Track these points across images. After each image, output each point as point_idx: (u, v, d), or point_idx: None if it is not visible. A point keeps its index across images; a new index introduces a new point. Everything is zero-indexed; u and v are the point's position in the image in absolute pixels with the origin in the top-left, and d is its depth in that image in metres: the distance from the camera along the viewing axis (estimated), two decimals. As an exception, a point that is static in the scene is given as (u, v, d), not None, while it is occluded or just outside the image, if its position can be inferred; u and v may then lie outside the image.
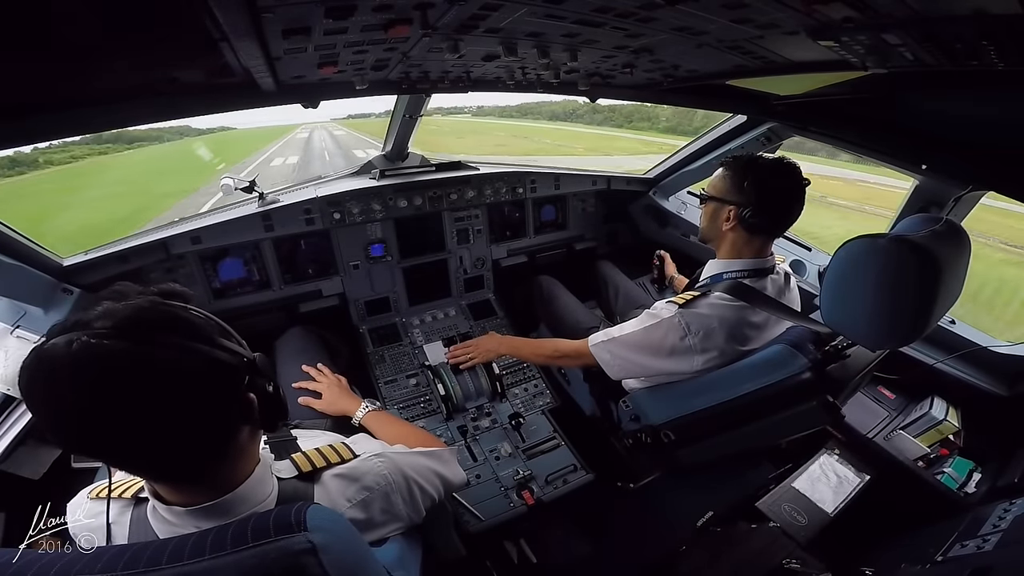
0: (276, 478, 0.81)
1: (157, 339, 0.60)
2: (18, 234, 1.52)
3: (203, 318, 0.69)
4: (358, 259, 2.40)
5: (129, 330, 0.59)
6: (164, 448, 0.63)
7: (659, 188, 2.95)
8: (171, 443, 0.63)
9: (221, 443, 0.70)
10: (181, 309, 0.67)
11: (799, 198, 1.44)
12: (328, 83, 1.39)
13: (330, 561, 0.56)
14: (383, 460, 0.93)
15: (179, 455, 0.66)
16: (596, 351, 1.61)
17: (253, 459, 0.78)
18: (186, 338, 0.63)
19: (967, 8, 0.78)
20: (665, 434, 1.61)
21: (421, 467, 1.01)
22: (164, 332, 0.62)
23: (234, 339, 0.73)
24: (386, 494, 0.90)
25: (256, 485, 0.76)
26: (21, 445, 1.46)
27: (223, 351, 0.67)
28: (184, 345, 0.62)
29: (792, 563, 1.48)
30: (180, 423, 0.62)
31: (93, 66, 0.94)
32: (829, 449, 1.92)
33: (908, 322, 1.07)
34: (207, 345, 0.65)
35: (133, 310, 0.61)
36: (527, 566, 1.72)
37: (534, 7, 0.91)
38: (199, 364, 0.63)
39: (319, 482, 0.84)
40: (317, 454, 0.87)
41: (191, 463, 0.68)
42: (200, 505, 0.70)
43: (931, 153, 1.63)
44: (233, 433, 0.71)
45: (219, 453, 0.70)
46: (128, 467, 0.67)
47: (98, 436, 0.59)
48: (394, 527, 0.94)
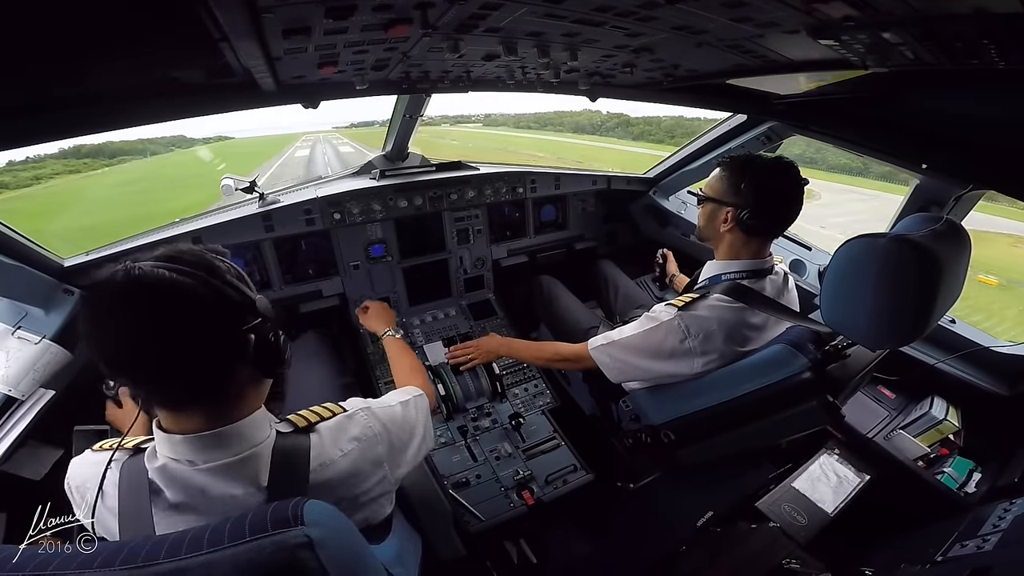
0: (276, 431, 0.87)
1: (185, 271, 0.73)
2: (18, 234, 1.52)
3: (226, 264, 0.82)
4: (358, 259, 2.40)
5: (166, 262, 0.74)
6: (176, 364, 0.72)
7: (659, 188, 2.95)
8: (182, 360, 0.73)
9: (222, 372, 0.78)
10: (212, 256, 0.81)
11: (797, 198, 1.43)
12: (328, 83, 1.39)
13: (327, 556, 0.57)
14: (367, 414, 1.00)
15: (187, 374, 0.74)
16: (596, 354, 1.61)
17: (253, 404, 0.84)
18: (207, 274, 0.76)
19: (967, 7, 0.78)
20: (665, 434, 1.61)
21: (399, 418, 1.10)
22: (192, 267, 0.75)
23: (247, 284, 0.84)
24: (373, 444, 0.96)
25: (253, 426, 0.82)
26: (22, 446, 1.46)
27: (232, 289, 0.78)
28: (203, 278, 0.75)
29: (792, 563, 1.48)
30: (191, 342, 0.72)
31: (93, 66, 0.95)
32: (829, 449, 1.92)
33: (908, 322, 1.07)
34: (219, 281, 0.77)
35: (174, 250, 0.78)
36: (527, 566, 1.72)
37: (534, 7, 0.91)
38: (209, 294, 0.74)
39: (314, 432, 0.90)
40: (310, 412, 0.95)
41: (195, 386, 0.76)
42: (202, 432, 0.77)
43: (931, 152, 1.63)
44: (232, 366, 0.78)
45: (220, 383, 0.78)
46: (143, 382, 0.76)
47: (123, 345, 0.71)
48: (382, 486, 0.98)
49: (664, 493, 1.90)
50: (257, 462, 0.80)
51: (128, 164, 38.32)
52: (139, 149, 52.17)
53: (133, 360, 0.72)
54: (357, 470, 0.91)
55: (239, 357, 0.78)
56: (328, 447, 0.89)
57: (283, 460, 0.82)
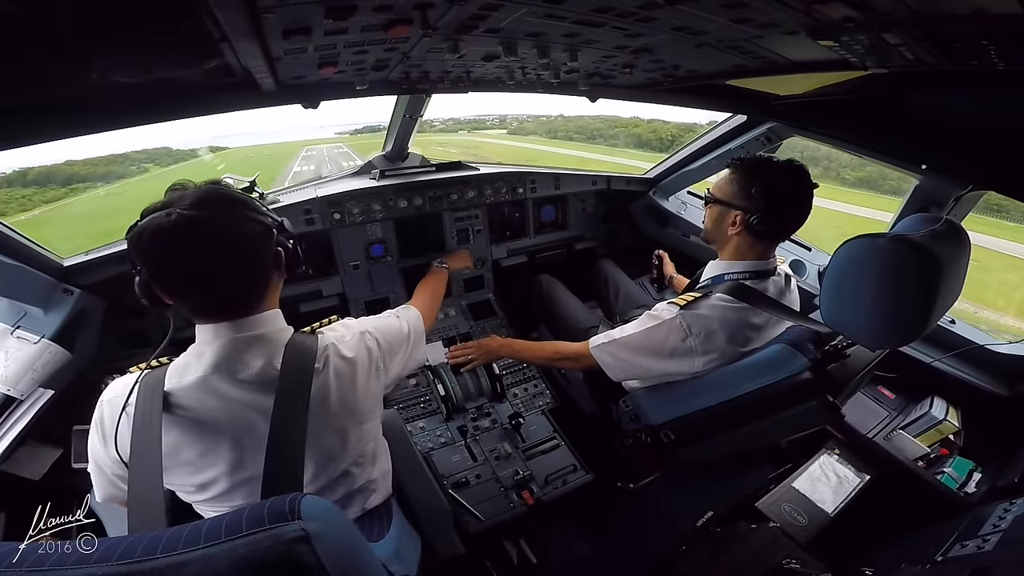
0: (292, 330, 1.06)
1: (221, 210, 0.89)
2: (18, 234, 1.52)
3: (245, 196, 0.96)
4: (358, 259, 2.40)
5: (203, 204, 0.87)
6: (228, 282, 0.93)
7: (659, 188, 2.95)
8: (232, 278, 0.93)
9: (263, 282, 0.98)
10: (231, 190, 0.96)
11: (807, 204, 1.42)
12: (328, 83, 1.39)
13: (324, 550, 0.57)
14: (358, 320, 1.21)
15: (236, 288, 0.95)
16: (597, 353, 1.61)
17: (275, 301, 1.05)
18: (241, 208, 0.92)
19: (967, 8, 0.78)
20: (665, 434, 1.61)
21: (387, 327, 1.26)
22: (225, 205, 0.91)
23: (267, 209, 1.00)
24: (363, 340, 1.13)
25: (275, 316, 1.02)
26: (21, 445, 1.46)
27: (263, 216, 0.96)
28: (240, 214, 0.92)
29: (792, 563, 1.48)
30: (239, 264, 0.93)
31: (93, 66, 0.95)
32: (829, 449, 1.92)
33: (908, 322, 1.07)
34: (255, 212, 0.94)
35: (202, 192, 0.90)
36: (527, 566, 1.72)
37: (534, 7, 0.91)
38: (250, 226, 0.93)
39: (320, 333, 1.08)
40: (316, 324, 1.14)
41: (242, 295, 0.96)
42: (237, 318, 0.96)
43: (931, 153, 1.63)
44: (269, 277, 0.99)
45: (259, 289, 0.98)
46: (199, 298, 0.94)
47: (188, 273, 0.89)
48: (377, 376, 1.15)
49: (664, 493, 1.90)
50: (277, 342, 0.98)
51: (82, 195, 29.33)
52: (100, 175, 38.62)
53: (204, 286, 0.91)
54: (353, 355, 1.07)
55: (276, 267, 0.99)
56: (329, 337, 1.07)
57: (295, 349, 0.98)
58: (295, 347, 0.98)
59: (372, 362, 1.13)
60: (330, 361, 1.02)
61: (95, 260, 1.83)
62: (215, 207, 0.89)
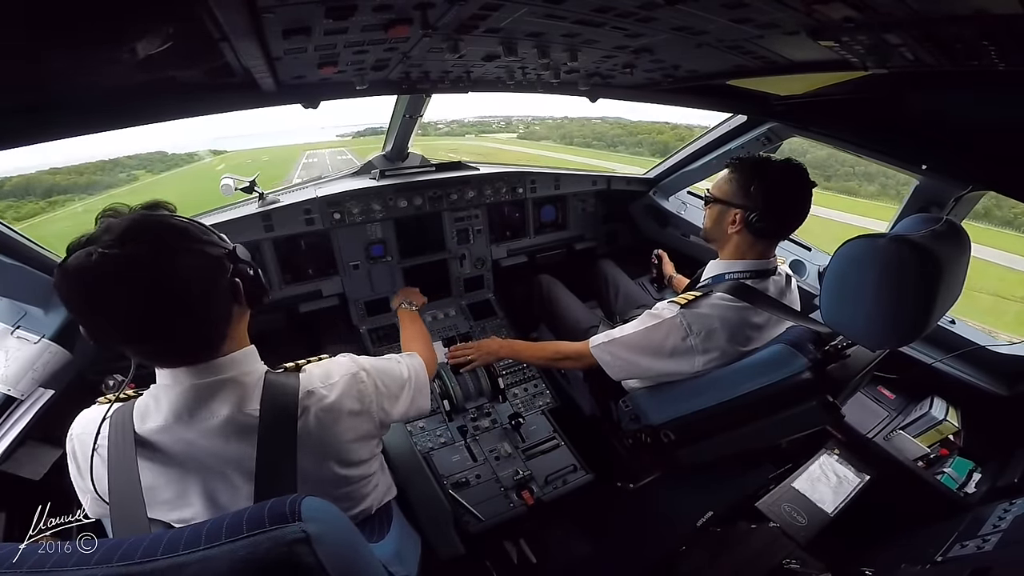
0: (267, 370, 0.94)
1: (153, 244, 0.75)
2: (18, 234, 1.52)
3: (186, 222, 0.83)
4: (358, 259, 2.40)
5: (131, 238, 0.74)
6: (174, 328, 0.79)
7: (659, 188, 2.95)
8: (179, 323, 0.79)
9: (220, 320, 0.86)
10: (167, 217, 0.82)
11: (807, 202, 1.42)
12: (328, 83, 1.39)
13: (324, 551, 0.57)
14: (350, 357, 1.08)
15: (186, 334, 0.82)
16: (597, 352, 1.61)
17: (242, 337, 0.93)
18: (178, 239, 0.79)
19: (968, 8, 0.78)
20: (665, 434, 1.61)
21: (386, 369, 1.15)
22: (159, 237, 0.77)
23: (214, 235, 0.87)
24: (356, 382, 1.01)
25: (246, 357, 0.91)
26: (21, 445, 1.45)
27: (210, 245, 0.83)
28: (177, 245, 0.78)
29: (792, 563, 1.48)
30: (185, 306, 0.79)
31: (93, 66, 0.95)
32: (829, 449, 1.92)
33: (908, 322, 1.07)
34: (195, 242, 0.81)
35: (131, 222, 0.76)
36: (527, 566, 1.72)
37: (534, 7, 0.91)
38: (192, 259, 0.79)
39: (303, 372, 0.97)
40: (302, 360, 1.02)
41: (196, 340, 0.84)
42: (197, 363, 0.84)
43: (931, 153, 1.63)
44: (227, 311, 0.87)
45: (215, 329, 0.85)
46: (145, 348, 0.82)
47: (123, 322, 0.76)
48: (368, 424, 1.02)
49: (664, 493, 1.90)
50: (246, 387, 0.87)
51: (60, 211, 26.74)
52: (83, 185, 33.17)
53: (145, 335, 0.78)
54: (341, 403, 0.96)
55: (233, 301, 0.87)
56: (315, 382, 0.95)
57: (273, 391, 0.88)
58: (273, 389, 0.88)
59: (365, 407, 1.01)
60: (311, 408, 0.91)
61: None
62: (146, 241, 0.75)
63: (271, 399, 0.87)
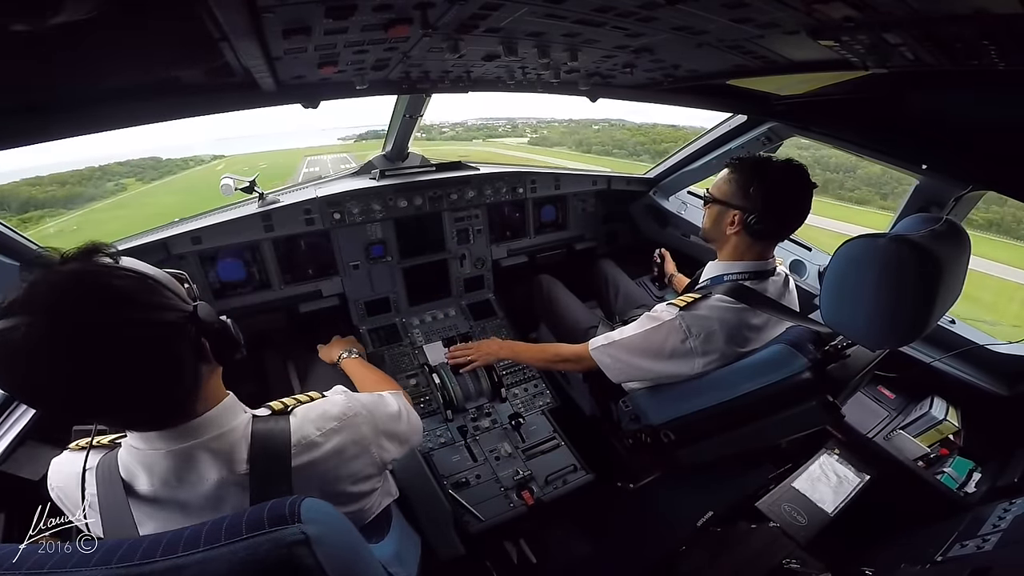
0: (252, 415, 0.86)
1: (92, 316, 0.63)
2: (18, 234, 1.52)
3: (133, 278, 0.69)
4: (358, 259, 2.40)
5: (65, 310, 0.62)
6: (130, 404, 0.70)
7: (659, 188, 2.95)
8: (135, 399, 0.70)
9: (179, 388, 0.75)
10: (107, 275, 0.67)
11: (806, 203, 1.42)
12: (328, 83, 1.39)
13: (324, 553, 0.57)
14: (348, 398, 0.99)
15: (146, 409, 0.73)
16: (596, 355, 1.61)
17: (217, 393, 0.83)
18: (121, 310, 0.66)
19: (968, 7, 0.78)
20: (665, 434, 1.61)
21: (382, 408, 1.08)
22: (99, 309, 0.64)
23: (170, 293, 0.73)
24: (354, 425, 0.94)
25: (225, 412, 0.81)
26: (21, 445, 1.45)
27: (161, 311, 0.70)
28: (121, 317, 0.65)
29: (792, 563, 1.48)
30: (138, 381, 0.68)
31: (93, 66, 0.94)
32: (829, 449, 1.92)
33: (908, 322, 1.07)
34: (141, 309, 0.68)
35: (56, 288, 0.64)
36: (527, 566, 1.72)
37: (534, 7, 0.91)
38: (141, 331, 0.67)
39: (293, 415, 0.88)
40: (290, 399, 0.94)
41: (161, 412, 0.75)
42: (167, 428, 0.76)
43: (931, 153, 1.63)
44: (193, 376, 0.76)
45: (179, 397, 0.75)
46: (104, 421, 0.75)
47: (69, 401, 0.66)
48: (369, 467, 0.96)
49: (664, 493, 1.90)
50: (230, 444, 0.79)
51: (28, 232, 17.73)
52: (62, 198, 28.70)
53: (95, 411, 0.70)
54: (340, 450, 0.89)
55: (201, 362, 0.77)
56: (308, 428, 0.86)
57: (262, 442, 0.81)
58: (263, 442, 0.81)
59: (364, 449, 0.95)
60: (306, 458, 0.84)
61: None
62: (82, 312, 0.63)
63: (262, 453, 0.80)
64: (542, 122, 27.38)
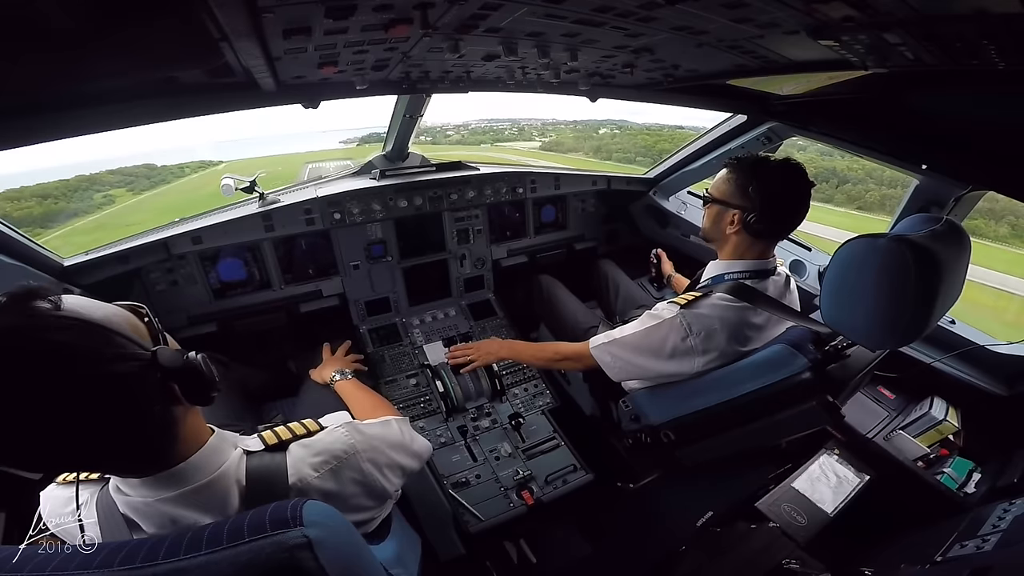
0: (245, 451, 0.81)
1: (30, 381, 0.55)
2: (18, 234, 1.52)
3: (77, 328, 0.60)
4: (358, 259, 2.40)
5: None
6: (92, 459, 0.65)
7: (659, 188, 2.95)
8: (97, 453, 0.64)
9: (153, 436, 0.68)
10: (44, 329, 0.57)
11: (805, 202, 1.42)
12: (328, 83, 1.39)
13: (326, 556, 0.57)
14: (348, 430, 0.93)
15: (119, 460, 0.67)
16: (597, 353, 1.61)
17: (199, 432, 0.77)
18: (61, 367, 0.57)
19: (967, 7, 0.78)
20: (665, 434, 1.61)
21: (384, 436, 1.02)
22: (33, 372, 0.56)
23: (122, 339, 0.64)
24: (356, 463, 0.88)
25: (209, 455, 0.75)
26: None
27: (113, 362, 0.61)
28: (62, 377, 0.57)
29: (792, 563, 1.48)
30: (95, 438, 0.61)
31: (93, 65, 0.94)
32: (829, 449, 1.92)
33: (908, 322, 1.07)
34: (90, 365, 0.59)
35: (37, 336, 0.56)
36: (527, 566, 1.72)
37: (534, 7, 0.91)
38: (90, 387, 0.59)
39: (288, 452, 0.83)
40: (284, 429, 0.87)
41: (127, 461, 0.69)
42: (153, 475, 0.71)
43: (931, 153, 1.63)
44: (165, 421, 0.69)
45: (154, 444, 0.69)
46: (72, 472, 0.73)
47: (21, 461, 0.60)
48: (373, 500, 0.93)
49: (664, 493, 1.90)
50: (223, 492, 0.74)
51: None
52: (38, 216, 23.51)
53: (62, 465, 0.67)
54: (339, 490, 0.85)
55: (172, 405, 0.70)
56: (305, 470, 0.81)
57: (256, 485, 0.76)
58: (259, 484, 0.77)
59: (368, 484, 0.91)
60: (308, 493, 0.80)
61: (95, 260, 1.83)
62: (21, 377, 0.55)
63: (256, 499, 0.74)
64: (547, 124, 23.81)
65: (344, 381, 1.66)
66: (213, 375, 0.75)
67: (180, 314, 2.15)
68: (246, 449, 0.81)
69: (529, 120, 11.61)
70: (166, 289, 2.07)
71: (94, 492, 0.78)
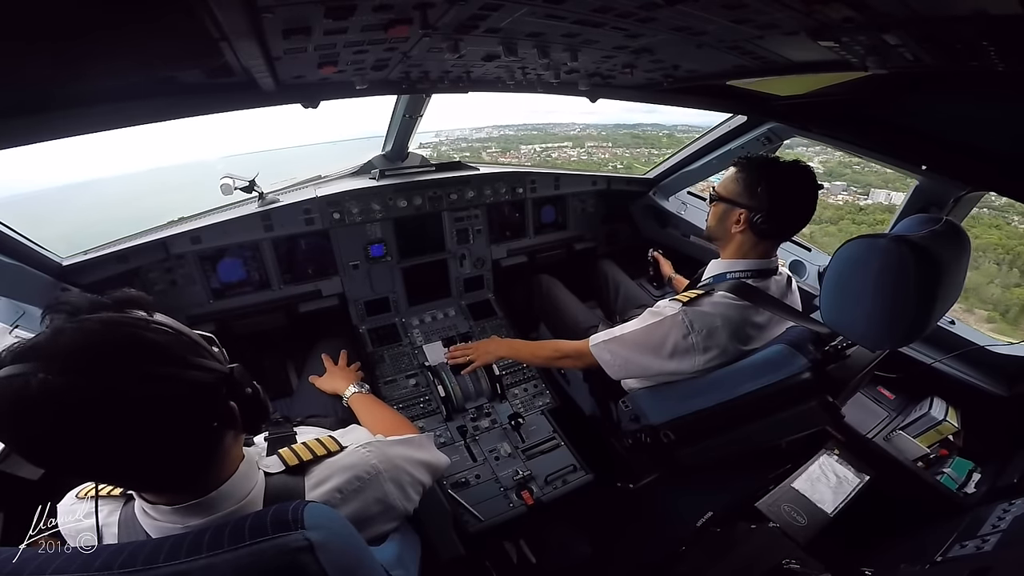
0: (264, 473, 0.81)
1: (116, 372, 0.57)
2: (18, 234, 1.52)
3: (169, 334, 0.65)
4: (358, 259, 2.40)
5: (84, 365, 0.56)
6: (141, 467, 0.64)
7: (659, 188, 2.95)
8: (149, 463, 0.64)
9: (205, 454, 0.71)
10: (142, 328, 0.63)
11: (812, 204, 1.42)
12: (328, 83, 1.39)
13: (327, 559, 0.56)
14: (371, 449, 0.93)
15: (159, 471, 0.67)
16: (597, 351, 1.61)
17: (236, 458, 0.78)
18: (151, 364, 0.61)
19: (967, 8, 0.78)
20: (665, 434, 1.61)
21: (408, 454, 1.02)
22: (123, 363, 0.58)
23: (205, 352, 0.70)
24: (379, 483, 0.89)
25: (240, 481, 0.76)
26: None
27: (197, 370, 0.65)
28: (149, 373, 0.60)
29: (792, 563, 1.48)
30: (156, 445, 0.62)
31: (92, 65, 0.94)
32: (829, 449, 1.92)
33: (908, 322, 1.07)
34: (177, 367, 0.63)
35: (85, 339, 0.58)
36: (527, 566, 1.72)
37: (534, 7, 0.91)
38: (171, 388, 0.62)
39: (308, 475, 0.83)
40: (304, 448, 0.87)
41: (173, 476, 0.69)
42: (184, 504, 0.71)
43: (931, 153, 1.63)
44: (218, 442, 0.72)
45: (202, 463, 0.71)
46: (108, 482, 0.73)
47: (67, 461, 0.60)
48: (391, 520, 0.93)
49: (664, 493, 1.90)
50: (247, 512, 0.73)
51: None
52: None
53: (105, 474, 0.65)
54: (360, 512, 0.85)
55: (227, 427, 0.72)
56: (325, 492, 0.81)
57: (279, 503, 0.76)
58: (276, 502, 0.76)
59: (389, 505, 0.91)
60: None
61: (94, 260, 1.83)
62: (110, 368, 0.57)
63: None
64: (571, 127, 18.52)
65: (361, 395, 1.64)
66: (268, 405, 0.78)
67: (179, 314, 2.13)
68: (266, 471, 0.81)
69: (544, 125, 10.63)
70: (165, 289, 2.07)
71: (114, 509, 0.78)
